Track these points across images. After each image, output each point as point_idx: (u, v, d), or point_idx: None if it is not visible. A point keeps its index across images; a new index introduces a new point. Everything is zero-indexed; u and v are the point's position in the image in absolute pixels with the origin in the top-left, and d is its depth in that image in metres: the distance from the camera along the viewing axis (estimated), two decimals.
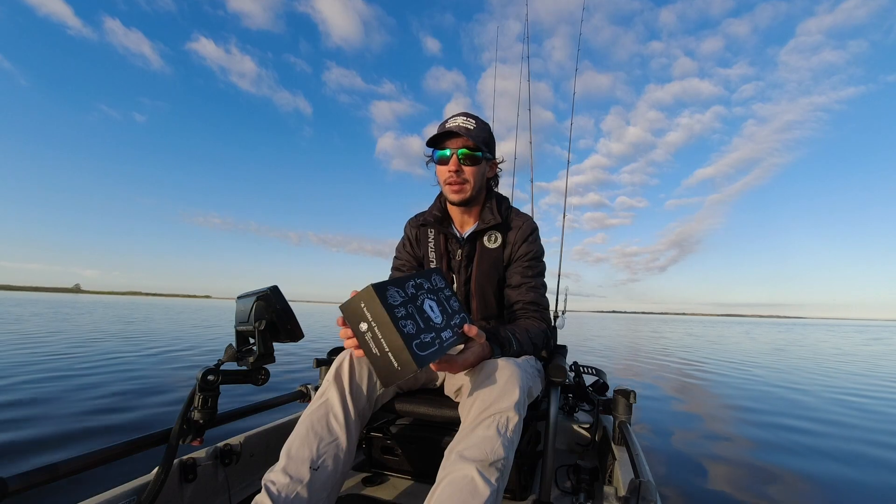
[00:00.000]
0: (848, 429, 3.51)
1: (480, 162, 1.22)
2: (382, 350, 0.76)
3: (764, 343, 14.92)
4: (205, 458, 1.19)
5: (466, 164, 1.20)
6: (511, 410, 0.87)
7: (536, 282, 1.26)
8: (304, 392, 1.61)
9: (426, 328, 0.82)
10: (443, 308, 0.92)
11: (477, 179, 1.22)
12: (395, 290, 0.82)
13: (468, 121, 1.21)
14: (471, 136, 1.17)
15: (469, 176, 1.21)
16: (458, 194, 1.23)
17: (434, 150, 1.23)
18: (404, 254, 1.40)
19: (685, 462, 2.62)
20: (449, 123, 1.21)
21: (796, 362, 8.67)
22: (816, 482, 2.35)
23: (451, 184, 1.22)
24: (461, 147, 1.19)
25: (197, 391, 1.05)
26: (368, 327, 0.77)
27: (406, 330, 0.77)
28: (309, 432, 0.93)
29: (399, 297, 0.81)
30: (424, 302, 0.87)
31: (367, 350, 0.78)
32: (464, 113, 1.23)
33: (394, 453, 1.38)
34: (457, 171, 1.20)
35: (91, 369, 5.00)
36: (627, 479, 1.11)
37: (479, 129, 1.21)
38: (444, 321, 0.89)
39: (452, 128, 1.18)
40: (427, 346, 0.79)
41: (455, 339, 0.90)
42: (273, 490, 0.85)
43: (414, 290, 0.87)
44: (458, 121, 1.20)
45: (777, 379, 6.23)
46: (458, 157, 1.19)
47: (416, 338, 0.78)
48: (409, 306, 0.82)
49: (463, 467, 0.79)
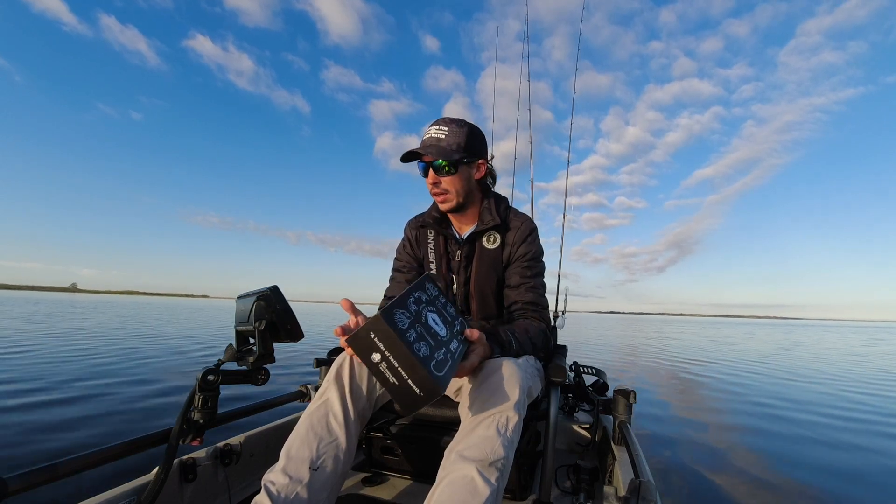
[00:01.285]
0: (850, 433, 3.51)
1: (458, 169, 1.20)
2: (401, 379, 0.72)
3: (767, 343, 14.91)
4: (205, 458, 1.19)
5: (443, 174, 1.20)
6: (511, 410, 0.87)
7: (535, 282, 1.26)
8: (304, 392, 1.61)
9: (436, 345, 0.79)
10: (443, 318, 0.89)
11: (460, 186, 1.22)
12: (401, 312, 0.78)
13: (440, 130, 1.19)
14: (438, 148, 1.17)
15: (449, 186, 1.21)
16: (444, 204, 1.25)
17: (417, 162, 1.23)
18: (404, 255, 1.40)
19: (685, 462, 2.62)
20: (424, 136, 1.21)
21: (802, 362, 8.68)
22: (817, 482, 2.35)
23: (435, 195, 1.24)
24: (434, 159, 1.18)
25: (197, 391, 1.05)
26: (382, 357, 0.72)
27: (421, 353, 0.73)
28: (309, 432, 0.93)
29: (406, 320, 0.77)
30: (427, 317, 0.84)
31: (384, 381, 0.73)
32: (438, 120, 1.22)
33: (394, 453, 1.38)
34: (434, 183, 1.21)
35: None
36: (627, 479, 1.11)
37: (451, 135, 1.19)
38: (448, 332, 0.87)
39: (422, 144, 1.19)
40: (443, 365, 0.77)
41: (461, 347, 0.88)
42: (273, 490, 0.85)
43: (416, 306, 0.83)
44: (431, 132, 1.20)
45: (776, 379, 6.23)
46: (433, 169, 1.20)
47: (431, 359, 0.75)
48: (417, 326, 0.78)
49: (463, 467, 0.79)
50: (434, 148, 1.17)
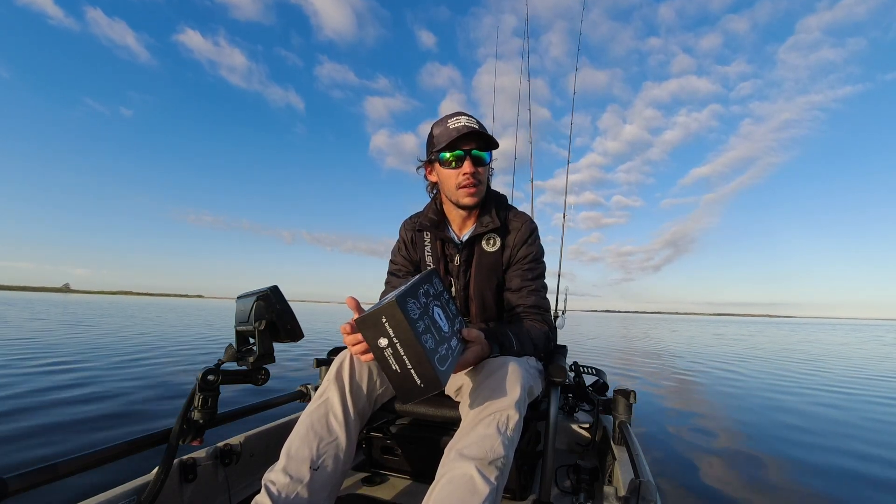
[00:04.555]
0: (850, 438, 3.51)
1: (489, 162, 1.21)
2: (404, 367, 0.73)
3: (770, 343, 14.93)
4: (205, 458, 1.19)
5: (479, 164, 1.18)
6: (511, 409, 0.87)
7: (537, 284, 1.24)
8: (304, 392, 1.61)
9: (440, 339, 0.80)
10: (447, 314, 0.89)
11: (487, 180, 1.23)
12: (413, 301, 0.77)
13: (471, 120, 1.17)
14: (483, 136, 1.15)
15: (482, 177, 1.20)
16: (474, 197, 1.19)
17: (441, 152, 1.16)
18: (399, 258, 1.37)
19: (685, 462, 2.62)
20: (456, 123, 1.15)
21: (803, 362, 8.68)
22: (817, 482, 2.35)
23: (467, 186, 1.17)
24: (474, 148, 1.15)
25: (197, 391, 1.05)
26: (389, 343, 0.73)
27: (427, 346, 0.74)
28: (309, 432, 0.93)
29: (417, 310, 0.77)
30: (434, 310, 0.84)
31: (386, 366, 0.74)
32: (461, 112, 1.18)
33: (394, 453, 1.38)
34: (473, 173, 1.16)
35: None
36: (627, 479, 1.11)
37: (483, 128, 1.18)
38: (450, 328, 0.87)
39: (460, 130, 1.12)
40: (445, 360, 0.77)
41: (460, 346, 0.88)
42: (273, 490, 0.85)
43: (425, 298, 0.83)
44: (463, 120, 1.15)
45: (776, 378, 6.23)
46: (473, 157, 1.16)
47: (436, 352, 0.75)
48: (426, 318, 0.79)
49: (462, 465, 0.79)
50: (485, 135, 1.14)
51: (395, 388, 0.75)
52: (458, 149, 1.15)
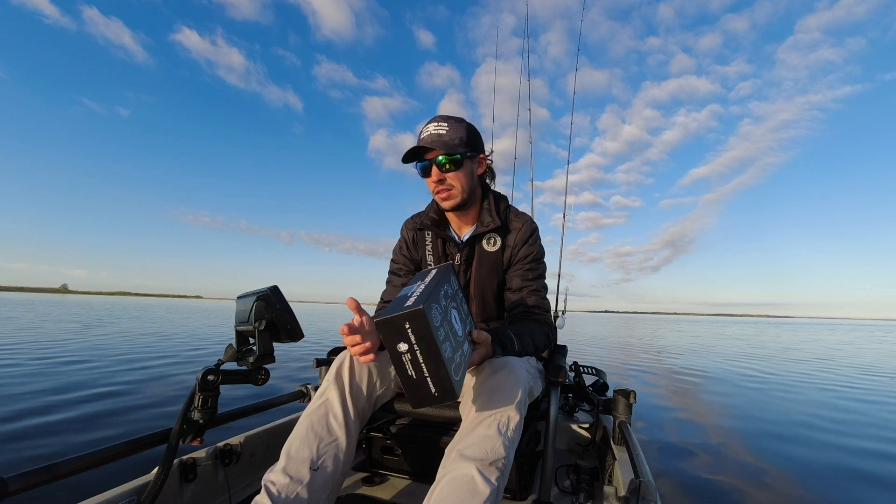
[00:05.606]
0: (850, 437, 3.51)
1: (463, 163, 1.18)
2: (421, 374, 0.72)
3: (770, 343, 14.92)
4: (205, 458, 1.19)
5: (448, 170, 1.16)
6: (512, 410, 0.87)
7: (537, 284, 1.24)
8: (304, 392, 1.61)
9: (455, 345, 0.78)
10: (461, 316, 0.87)
11: (465, 182, 1.19)
12: (436, 306, 0.75)
13: (439, 126, 1.16)
14: (442, 142, 1.13)
15: (454, 181, 1.18)
16: (448, 201, 1.20)
17: (415, 163, 1.19)
18: (401, 257, 1.37)
19: (686, 462, 2.62)
20: (422, 134, 1.17)
21: (805, 362, 8.68)
22: (817, 482, 2.35)
23: (439, 193, 1.19)
24: (438, 155, 1.15)
25: (197, 391, 1.05)
26: (409, 349, 0.71)
27: (446, 355, 0.72)
28: (309, 432, 0.93)
29: (438, 316, 0.75)
30: (451, 313, 0.82)
31: (402, 371, 0.72)
32: (436, 118, 1.19)
33: (394, 453, 1.38)
34: (439, 180, 1.17)
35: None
36: (627, 479, 1.11)
37: (452, 130, 1.15)
38: (463, 332, 0.85)
39: (423, 140, 1.14)
40: (459, 369, 0.76)
41: (471, 349, 0.87)
42: (273, 490, 0.85)
43: (445, 301, 0.81)
44: (430, 129, 1.16)
45: (776, 378, 6.23)
46: (437, 165, 1.16)
47: (452, 361, 0.74)
48: (445, 325, 0.76)
49: (463, 466, 0.79)
50: (438, 143, 1.14)
51: (407, 392, 0.74)
52: (424, 158, 1.17)
